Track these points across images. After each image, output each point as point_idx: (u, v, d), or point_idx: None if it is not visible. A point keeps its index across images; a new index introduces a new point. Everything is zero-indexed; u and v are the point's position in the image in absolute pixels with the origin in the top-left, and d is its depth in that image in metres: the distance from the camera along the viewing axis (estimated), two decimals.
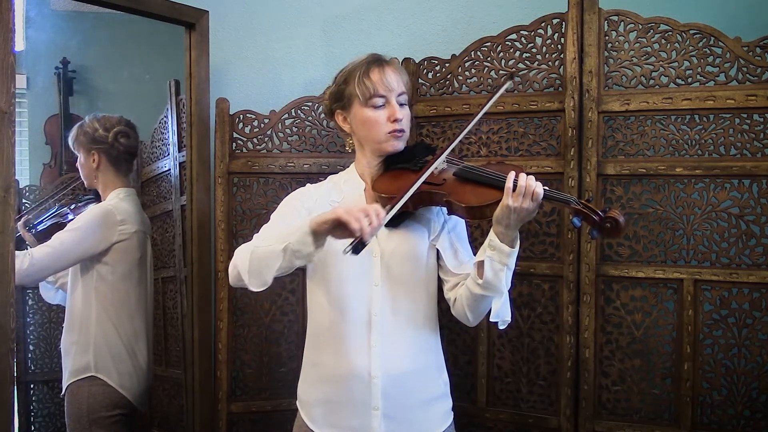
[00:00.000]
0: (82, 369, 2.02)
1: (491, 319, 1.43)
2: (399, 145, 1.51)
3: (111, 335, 2.04)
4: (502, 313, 1.43)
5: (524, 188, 1.32)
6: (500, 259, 1.37)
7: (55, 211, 2.21)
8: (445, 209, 1.48)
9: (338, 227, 1.26)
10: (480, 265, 1.39)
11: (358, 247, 1.25)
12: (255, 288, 1.39)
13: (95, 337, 2.03)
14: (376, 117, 1.49)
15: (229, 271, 1.44)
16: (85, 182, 2.19)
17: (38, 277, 2.06)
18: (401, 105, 1.51)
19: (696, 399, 1.70)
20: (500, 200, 1.34)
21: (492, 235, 1.38)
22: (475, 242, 1.82)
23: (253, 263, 1.37)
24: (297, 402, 1.56)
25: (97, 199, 2.16)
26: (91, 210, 2.06)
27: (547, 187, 1.36)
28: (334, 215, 1.27)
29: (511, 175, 1.34)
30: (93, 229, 2.01)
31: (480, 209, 1.39)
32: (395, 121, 1.48)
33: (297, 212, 1.50)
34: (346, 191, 1.55)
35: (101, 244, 2.01)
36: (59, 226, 2.06)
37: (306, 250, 1.31)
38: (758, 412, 1.66)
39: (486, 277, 1.38)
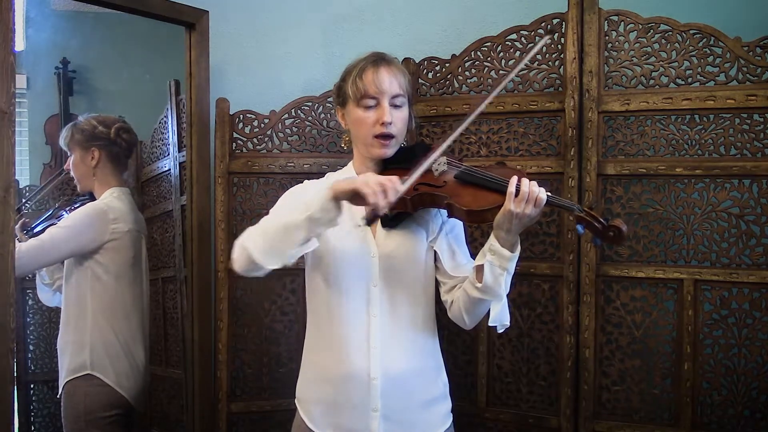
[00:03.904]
0: (78, 367, 2.01)
1: (490, 323, 1.42)
2: (386, 152, 1.48)
3: (107, 334, 2.03)
4: (500, 317, 1.42)
5: (527, 194, 1.30)
6: (500, 263, 1.35)
7: (51, 213, 2.20)
8: (444, 211, 1.47)
9: (356, 197, 1.28)
10: (479, 269, 1.38)
11: (371, 219, 1.31)
12: (272, 266, 1.34)
13: (91, 336, 2.02)
14: (365, 118, 1.47)
15: (235, 257, 1.37)
16: (78, 184, 2.16)
17: (25, 270, 2.06)
18: (396, 107, 1.48)
19: (696, 399, 1.70)
20: (501, 205, 1.32)
21: (492, 239, 1.36)
22: (475, 243, 1.82)
23: (268, 240, 1.34)
24: (296, 401, 1.55)
25: (92, 200, 2.15)
26: (84, 208, 2.05)
27: (550, 193, 1.33)
28: (353, 186, 1.27)
29: (514, 179, 1.32)
30: (85, 226, 2.01)
31: (480, 213, 1.37)
32: (383, 124, 1.46)
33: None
34: None
35: (92, 242, 2.01)
36: None
37: (329, 216, 1.30)
38: (758, 412, 1.66)
39: (485, 281, 1.36)
